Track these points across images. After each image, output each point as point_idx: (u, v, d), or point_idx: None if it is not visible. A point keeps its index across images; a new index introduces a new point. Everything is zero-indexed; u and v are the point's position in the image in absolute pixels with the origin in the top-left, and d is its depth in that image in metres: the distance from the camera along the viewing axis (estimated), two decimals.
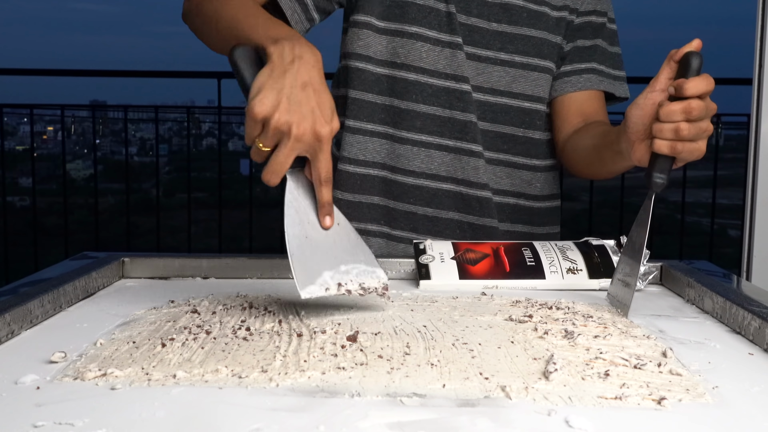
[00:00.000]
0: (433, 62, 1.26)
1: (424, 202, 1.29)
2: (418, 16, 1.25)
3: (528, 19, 1.28)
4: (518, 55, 1.28)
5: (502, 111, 1.29)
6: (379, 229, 1.30)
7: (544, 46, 1.29)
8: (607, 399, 0.64)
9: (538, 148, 1.32)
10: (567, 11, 1.31)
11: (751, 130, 1.67)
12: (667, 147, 0.93)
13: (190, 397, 0.63)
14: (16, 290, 0.88)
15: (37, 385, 0.66)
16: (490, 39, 1.27)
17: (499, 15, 1.27)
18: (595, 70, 1.32)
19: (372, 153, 1.29)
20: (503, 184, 1.31)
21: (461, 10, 1.26)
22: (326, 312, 0.90)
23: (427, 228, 1.29)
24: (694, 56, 0.92)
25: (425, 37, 1.25)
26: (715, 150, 4.22)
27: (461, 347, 0.77)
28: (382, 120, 1.28)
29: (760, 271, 1.63)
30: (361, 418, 0.59)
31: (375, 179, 1.29)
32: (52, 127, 8.22)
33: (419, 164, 1.28)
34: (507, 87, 1.28)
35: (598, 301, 0.99)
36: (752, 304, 0.86)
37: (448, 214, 1.29)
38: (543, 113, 1.32)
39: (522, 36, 1.28)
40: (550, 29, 1.29)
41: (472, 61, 1.27)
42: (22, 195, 7.22)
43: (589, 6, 1.33)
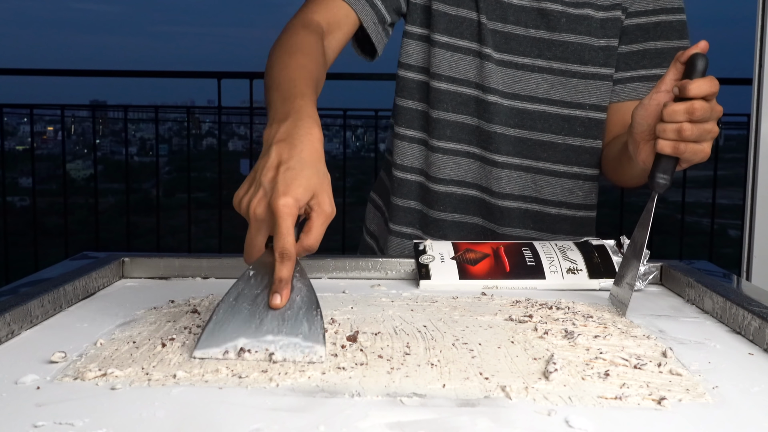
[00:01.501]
0: (462, 72, 1.26)
1: (452, 209, 1.30)
2: (449, 26, 1.25)
3: (567, 25, 1.25)
4: (556, 62, 1.26)
5: (540, 118, 1.27)
6: (414, 233, 1.32)
7: (585, 52, 1.26)
8: (607, 399, 0.64)
9: (580, 156, 1.30)
10: (620, 10, 1.27)
11: (751, 130, 1.67)
12: (669, 147, 0.92)
13: (190, 397, 0.63)
14: (16, 290, 0.88)
15: (37, 385, 0.66)
16: (527, 46, 1.26)
17: (537, 21, 1.25)
18: (643, 77, 1.28)
19: (411, 159, 1.31)
20: (545, 193, 1.29)
21: (497, 18, 1.25)
22: (326, 312, 0.90)
23: (455, 234, 1.30)
24: (700, 58, 0.93)
25: (454, 47, 1.26)
26: (715, 150, 4.22)
27: (461, 347, 0.77)
28: (420, 127, 1.30)
29: (760, 271, 1.64)
30: (361, 418, 0.59)
31: (413, 184, 1.32)
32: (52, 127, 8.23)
33: (449, 172, 1.29)
34: (545, 94, 1.27)
35: (598, 301, 0.99)
36: (752, 304, 0.86)
37: (474, 220, 1.30)
38: (585, 119, 1.28)
39: (560, 42, 1.26)
40: (594, 33, 1.26)
41: (508, 69, 1.26)
42: (22, 195, 7.22)
43: (640, 6, 1.28)
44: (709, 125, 0.92)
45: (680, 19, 1.30)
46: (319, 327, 0.75)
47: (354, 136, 5.78)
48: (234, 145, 10.54)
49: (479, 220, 1.30)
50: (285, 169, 0.79)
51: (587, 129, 1.29)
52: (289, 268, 0.77)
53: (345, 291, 1.03)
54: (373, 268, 1.12)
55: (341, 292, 1.02)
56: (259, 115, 4.57)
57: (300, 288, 0.78)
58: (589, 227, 1.35)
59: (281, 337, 0.74)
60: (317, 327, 0.75)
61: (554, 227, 1.31)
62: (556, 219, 1.31)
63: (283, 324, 0.75)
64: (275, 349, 0.73)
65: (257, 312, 0.76)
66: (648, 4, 1.28)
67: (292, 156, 0.80)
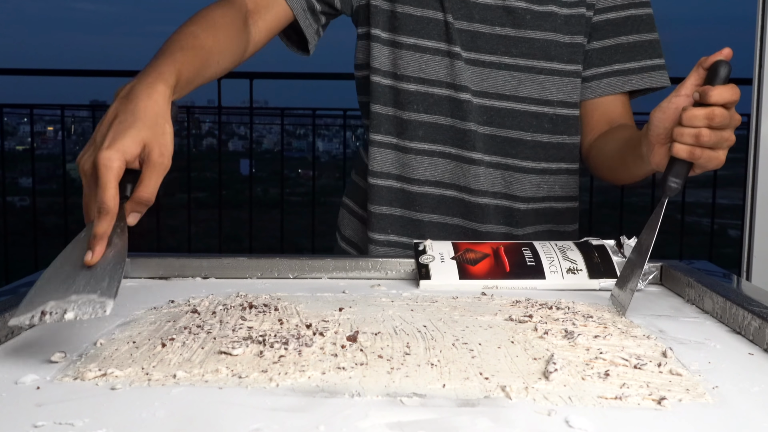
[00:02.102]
0: (432, 72, 1.26)
1: (430, 209, 1.30)
2: (415, 28, 1.25)
3: (532, 21, 1.26)
4: (522, 59, 1.27)
5: (509, 115, 1.28)
6: (386, 239, 1.31)
7: (550, 48, 1.27)
8: (607, 399, 0.64)
9: (548, 152, 1.31)
10: (584, 7, 1.28)
11: (751, 130, 1.67)
12: (685, 152, 0.92)
13: (190, 397, 0.63)
14: (16, 290, 0.88)
15: (37, 385, 0.66)
16: (494, 44, 1.26)
17: (503, 19, 1.26)
18: (618, 71, 1.30)
19: (384, 164, 1.30)
20: (514, 189, 1.30)
21: (462, 17, 1.25)
22: (326, 312, 0.90)
23: (434, 235, 1.29)
24: (723, 65, 0.92)
25: (423, 48, 1.25)
26: None
27: (461, 347, 0.77)
28: (391, 131, 1.29)
29: (760, 271, 1.63)
30: (361, 418, 0.59)
31: (390, 190, 1.31)
32: (52, 127, 8.23)
33: (424, 172, 1.28)
34: (513, 91, 1.27)
35: (598, 301, 0.99)
36: (752, 304, 0.86)
37: (453, 221, 1.30)
38: (552, 116, 1.30)
39: (526, 39, 1.26)
40: (559, 29, 1.27)
41: (476, 67, 1.26)
42: (22, 195, 7.22)
43: (608, 1, 1.30)
44: (726, 133, 0.92)
45: (648, 12, 1.31)
46: (116, 281, 0.72)
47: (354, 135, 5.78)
48: (234, 145, 10.54)
49: (459, 220, 1.30)
50: (117, 123, 0.78)
51: (555, 125, 1.30)
52: (106, 223, 0.75)
53: (345, 291, 1.03)
54: (373, 268, 1.12)
55: (341, 292, 1.02)
56: (259, 115, 4.57)
57: (115, 244, 0.75)
58: (561, 219, 1.35)
59: (83, 295, 0.71)
60: (114, 281, 0.72)
61: (522, 221, 1.31)
62: (525, 214, 1.31)
63: (89, 281, 0.73)
64: (73, 308, 0.70)
65: (74, 273, 0.73)
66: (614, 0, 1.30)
67: (126, 110, 0.79)
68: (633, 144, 1.12)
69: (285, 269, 1.12)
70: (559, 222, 1.35)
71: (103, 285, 0.72)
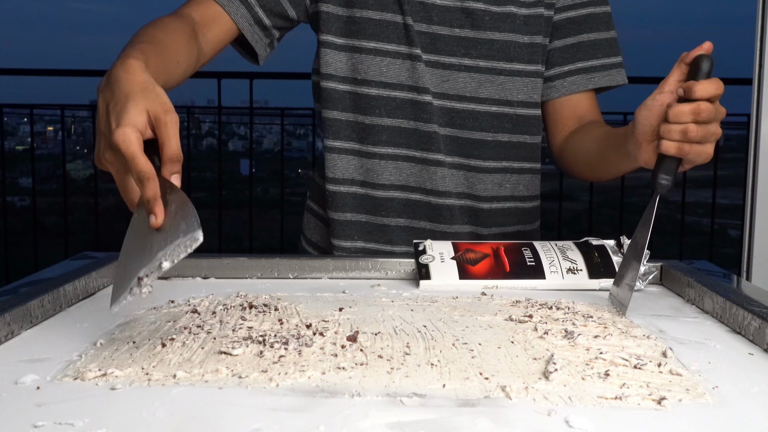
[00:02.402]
0: (394, 76, 1.26)
1: (396, 214, 1.29)
2: (375, 31, 1.25)
3: (491, 23, 1.26)
4: (482, 60, 1.27)
5: (470, 117, 1.28)
6: (353, 245, 1.31)
7: (510, 49, 1.27)
8: (607, 399, 0.64)
9: (509, 151, 1.31)
10: (543, 7, 1.29)
11: (751, 130, 1.67)
12: (674, 148, 0.93)
13: (190, 397, 0.63)
14: (16, 290, 0.88)
15: (37, 385, 0.66)
16: (454, 46, 1.26)
17: (462, 21, 1.26)
18: (581, 69, 1.31)
19: (344, 170, 1.29)
20: (478, 189, 1.30)
21: (421, 20, 1.25)
22: (326, 312, 0.90)
23: (402, 239, 1.29)
24: (705, 59, 0.92)
25: (384, 52, 1.25)
26: (716, 150, 4.21)
27: (461, 347, 0.77)
28: (351, 136, 1.29)
29: (760, 271, 1.63)
30: (361, 418, 0.59)
31: (350, 196, 1.30)
32: (52, 127, 8.23)
33: (389, 177, 1.28)
34: (473, 92, 1.27)
35: (598, 301, 0.99)
36: (752, 304, 0.86)
37: (420, 224, 1.30)
38: (513, 116, 1.30)
39: (485, 40, 1.26)
40: (518, 30, 1.27)
41: (436, 69, 1.26)
42: (22, 195, 7.22)
43: (567, 0, 1.30)
44: (713, 127, 0.93)
45: (606, 10, 1.32)
46: (193, 216, 0.74)
47: None
48: (234, 145, 10.54)
49: (426, 222, 1.30)
50: (112, 107, 0.80)
51: (516, 125, 1.30)
52: (152, 188, 0.76)
53: (345, 291, 1.03)
54: (373, 268, 1.12)
55: (341, 292, 1.02)
56: (259, 115, 4.57)
57: (173, 199, 0.77)
58: (525, 219, 1.35)
59: (168, 248, 0.74)
60: (191, 217, 0.74)
61: (488, 221, 1.32)
62: (489, 213, 1.31)
63: (167, 234, 0.75)
64: (163, 260, 0.73)
65: (147, 241, 0.76)
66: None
67: (114, 93, 0.81)
68: (615, 142, 1.12)
69: (285, 269, 1.12)
70: (526, 222, 1.36)
71: (183, 227, 0.75)
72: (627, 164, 1.11)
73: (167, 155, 0.78)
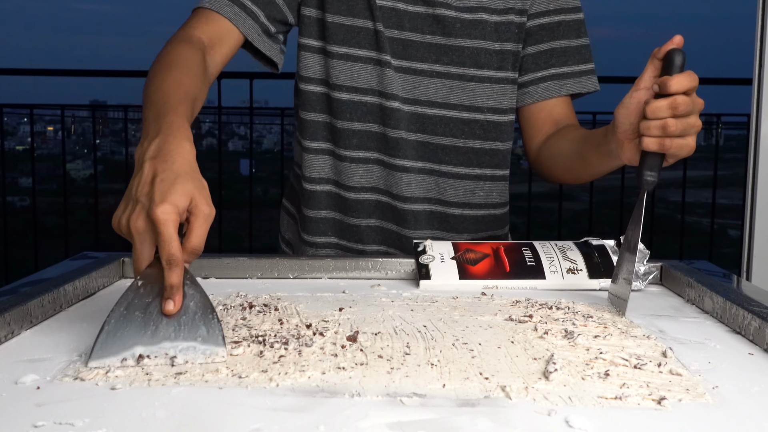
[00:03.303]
0: (363, 81, 1.26)
1: (366, 215, 1.30)
2: (346, 37, 1.25)
3: (462, 30, 1.26)
4: (453, 66, 1.27)
5: (441, 123, 1.28)
6: (327, 241, 1.32)
7: (480, 56, 1.27)
8: (607, 399, 0.64)
9: (480, 158, 1.31)
10: (514, 14, 1.29)
11: (751, 130, 1.67)
12: (655, 144, 0.93)
13: (190, 397, 0.63)
14: (16, 290, 0.88)
15: (37, 385, 0.66)
16: (425, 52, 1.26)
17: (433, 27, 1.26)
18: (554, 75, 1.31)
19: (320, 170, 1.31)
20: (447, 195, 1.30)
21: (393, 26, 1.25)
22: (326, 312, 0.90)
23: (371, 239, 1.31)
24: (677, 53, 0.93)
25: (354, 57, 1.26)
26: (715, 150, 4.22)
27: (461, 347, 0.77)
28: (326, 138, 1.30)
29: (760, 271, 1.64)
30: (361, 418, 0.59)
31: (324, 195, 1.31)
32: (52, 127, 8.22)
33: (359, 179, 1.29)
34: (444, 99, 1.27)
35: (598, 301, 0.99)
36: (752, 304, 0.86)
37: (389, 226, 1.31)
38: (484, 122, 1.30)
39: (456, 47, 1.26)
40: (489, 37, 1.27)
41: (407, 75, 1.26)
42: (22, 195, 7.21)
43: (540, 7, 1.30)
44: (692, 119, 0.93)
45: (578, 18, 1.32)
46: (217, 330, 0.75)
47: None
48: (234, 145, 10.54)
49: (394, 225, 1.30)
50: (159, 181, 0.79)
51: (486, 131, 1.30)
52: (178, 274, 0.76)
53: (345, 291, 1.03)
54: (373, 268, 1.12)
55: (341, 292, 1.02)
56: (259, 115, 4.57)
57: (193, 294, 0.78)
58: (495, 224, 1.35)
59: (179, 342, 0.73)
60: (215, 329, 0.75)
61: (458, 227, 1.32)
62: (459, 219, 1.32)
63: (180, 330, 0.74)
64: (176, 353, 0.73)
65: (151, 320, 0.75)
66: (548, 4, 1.30)
67: (165, 169, 0.80)
68: (595, 142, 1.13)
69: (285, 269, 1.12)
70: (496, 227, 1.36)
71: (202, 333, 0.75)
72: (609, 163, 1.12)
73: (192, 245, 0.78)
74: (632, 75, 1.42)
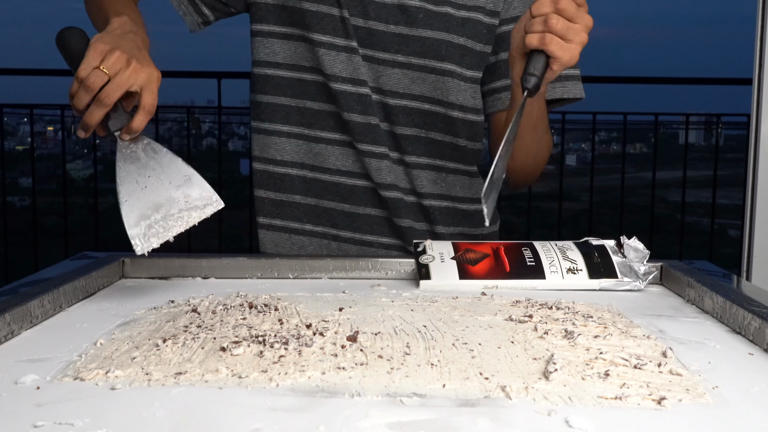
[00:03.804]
0: (331, 66, 1.26)
1: (341, 199, 1.30)
2: (312, 22, 1.25)
3: (425, 20, 1.25)
4: (415, 57, 1.26)
5: (403, 113, 1.28)
6: (301, 227, 1.32)
7: (441, 48, 1.26)
8: (607, 399, 0.64)
9: (443, 150, 1.31)
10: (483, 13, 1.27)
11: (751, 130, 1.67)
12: (536, 39, 0.97)
13: (190, 397, 0.63)
14: (16, 290, 0.88)
15: (37, 385, 0.66)
16: (388, 41, 1.26)
17: (397, 17, 1.25)
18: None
19: (290, 153, 1.31)
20: (416, 185, 1.30)
21: (358, 14, 1.25)
22: (326, 312, 0.90)
23: (346, 224, 1.31)
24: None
25: (320, 43, 1.26)
26: (715, 150, 4.23)
27: (461, 347, 0.77)
28: (297, 121, 1.30)
29: (760, 271, 1.63)
30: (361, 418, 0.59)
31: (295, 178, 1.31)
32: (52, 127, 8.22)
33: (335, 162, 1.29)
34: (406, 89, 1.27)
35: (598, 301, 0.99)
36: (752, 304, 0.86)
37: (366, 210, 1.30)
38: (444, 116, 1.29)
39: (418, 37, 1.26)
40: (452, 30, 1.26)
41: (371, 64, 1.26)
42: (22, 195, 7.21)
43: (515, 11, 1.28)
44: (577, 26, 0.97)
45: None
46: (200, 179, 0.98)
47: None
48: (234, 145, 10.54)
49: (371, 209, 1.30)
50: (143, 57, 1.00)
51: (447, 125, 1.30)
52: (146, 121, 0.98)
53: (345, 291, 1.03)
54: (373, 268, 1.12)
55: (341, 292, 1.02)
56: None
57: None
58: (467, 221, 1.34)
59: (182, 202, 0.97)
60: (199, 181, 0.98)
61: (435, 219, 1.32)
62: (429, 210, 1.31)
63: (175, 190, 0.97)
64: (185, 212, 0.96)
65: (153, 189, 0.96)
66: (523, 9, 1.27)
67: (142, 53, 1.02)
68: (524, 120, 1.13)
69: (285, 269, 1.12)
70: (470, 224, 1.35)
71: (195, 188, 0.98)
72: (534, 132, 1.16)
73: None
74: (632, 75, 1.42)
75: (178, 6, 1.32)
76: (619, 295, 1.03)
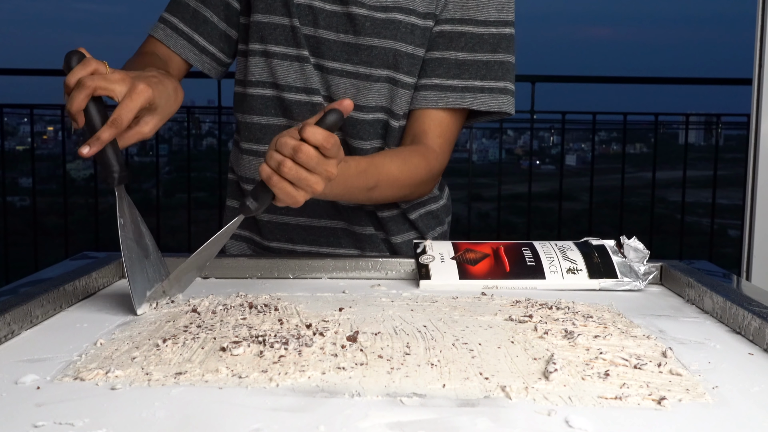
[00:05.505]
0: (284, 77, 1.25)
1: (296, 212, 1.28)
2: (264, 34, 1.25)
3: (372, 29, 1.23)
4: (362, 66, 1.24)
5: (349, 124, 1.25)
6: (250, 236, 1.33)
7: (389, 56, 1.23)
8: (607, 399, 0.64)
9: None
10: (431, 19, 1.25)
11: (751, 130, 1.67)
12: (265, 173, 0.90)
13: (190, 397, 0.63)
14: (16, 290, 0.88)
15: (37, 385, 0.66)
16: (337, 51, 1.24)
17: (346, 26, 1.24)
18: (436, 86, 1.24)
19: (243, 169, 1.30)
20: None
21: (308, 23, 1.24)
22: (326, 312, 0.90)
23: (302, 237, 1.30)
24: (333, 112, 0.90)
25: (272, 53, 1.25)
26: (715, 150, 4.22)
27: (461, 347, 0.77)
28: (258, 139, 1.29)
29: (760, 271, 1.64)
30: (361, 418, 0.59)
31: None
32: (52, 127, 8.22)
33: None
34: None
35: (598, 301, 0.99)
36: (752, 304, 0.86)
37: (321, 222, 1.29)
38: (385, 124, 1.26)
39: (366, 46, 1.23)
40: (402, 39, 1.23)
41: (322, 74, 1.25)
42: (22, 195, 7.21)
43: (448, 14, 1.24)
44: (312, 177, 0.90)
45: (494, 32, 1.24)
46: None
47: None
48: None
49: (327, 221, 1.29)
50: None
51: (391, 135, 1.27)
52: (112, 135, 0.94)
53: (345, 291, 1.03)
54: (373, 268, 1.12)
55: (341, 292, 1.02)
56: None
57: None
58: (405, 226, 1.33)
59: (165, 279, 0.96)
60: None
61: (390, 229, 1.30)
62: (386, 221, 1.30)
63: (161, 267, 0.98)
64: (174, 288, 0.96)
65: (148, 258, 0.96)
66: (455, 12, 1.24)
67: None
68: None
69: (285, 269, 1.12)
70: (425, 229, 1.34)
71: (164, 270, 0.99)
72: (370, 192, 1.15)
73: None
74: (632, 75, 1.42)
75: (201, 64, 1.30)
76: (619, 295, 1.03)
